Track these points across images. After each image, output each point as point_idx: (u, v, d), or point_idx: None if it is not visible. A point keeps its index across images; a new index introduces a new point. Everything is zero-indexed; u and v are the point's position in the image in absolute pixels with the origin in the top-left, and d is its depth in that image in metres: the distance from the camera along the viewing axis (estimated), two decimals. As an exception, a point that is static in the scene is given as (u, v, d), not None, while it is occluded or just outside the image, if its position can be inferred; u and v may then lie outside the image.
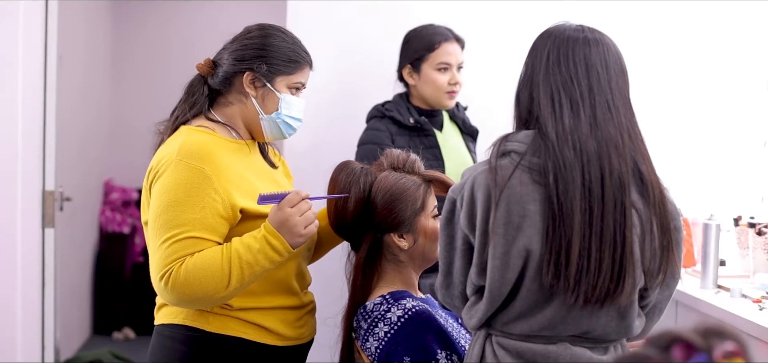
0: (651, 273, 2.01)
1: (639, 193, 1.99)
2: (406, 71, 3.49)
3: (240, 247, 2.22)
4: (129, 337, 6.65)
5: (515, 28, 4.00)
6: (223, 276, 2.20)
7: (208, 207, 2.23)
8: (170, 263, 2.20)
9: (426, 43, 3.44)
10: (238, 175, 2.32)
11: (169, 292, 2.21)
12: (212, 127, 2.40)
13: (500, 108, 3.93)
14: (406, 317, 2.24)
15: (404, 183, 2.37)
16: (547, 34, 2.09)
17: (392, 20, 3.87)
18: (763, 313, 2.97)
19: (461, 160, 3.51)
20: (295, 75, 2.43)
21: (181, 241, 2.21)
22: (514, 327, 2.03)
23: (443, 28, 3.48)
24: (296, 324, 2.47)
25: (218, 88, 2.44)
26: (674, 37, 4.03)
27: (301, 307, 2.49)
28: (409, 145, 3.30)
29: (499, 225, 1.96)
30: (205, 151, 2.28)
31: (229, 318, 2.36)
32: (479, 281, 2.03)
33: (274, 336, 2.41)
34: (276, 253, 2.24)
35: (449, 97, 3.46)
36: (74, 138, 5.79)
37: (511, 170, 1.98)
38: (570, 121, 1.98)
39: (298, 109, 2.46)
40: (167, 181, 2.26)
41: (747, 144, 4.07)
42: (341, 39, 3.88)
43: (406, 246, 2.36)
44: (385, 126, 3.42)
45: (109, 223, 6.77)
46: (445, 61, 3.43)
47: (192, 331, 2.35)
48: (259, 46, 2.40)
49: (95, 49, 6.65)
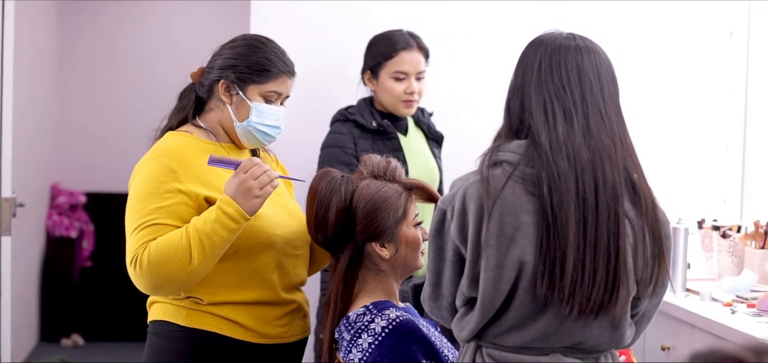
0: (643, 282, 2.01)
1: (631, 202, 1.98)
2: (367, 76, 3.48)
3: (197, 222, 2.30)
4: (78, 343, 6.52)
5: (480, 32, 3.99)
6: (185, 253, 2.27)
7: (173, 198, 2.33)
8: (136, 249, 2.29)
9: (384, 51, 3.41)
10: (208, 170, 2.39)
11: (139, 277, 2.30)
12: (191, 131, 2.50)
13: (466, 113, 3.97)
14: (390, 328, 2.21)
15: (386, 191, 2.34)
16: (537, 42, 2.07)
17: (357, 22, 3.84)
18: (735, 317, 2.99)
19: (425, 165, 3.49)
20: (268, 84, 2.46)
21: (147, 228, 2.30)
22: (507, 339, 2.00)
23: (406, 36, 3.44)
24: (276, 322, 2.46)
25: (203, 96, 2.53)
26: (636, 41, 4.05)
27: (282, 303, 2.48)
28: (372, 149, 3.29)
29: (492, 236, 1.93)
30: (175, 149, 2.40)
31: (199, 312, 2.40)
32: (470, 293, 2.00)
33: (249, 332, 2.42)
34: (231, 220, 2.28)
35: (405, 105, 3.43)
36: (20, 141, 5.65)
37: (503, 181, 1.96)
38: (563, 130, 1.96)
39: (274, 118, 2.49)
40: (137, 178, 2.39)
41: (709, 147, 4.11)
42: (306, 41, 3.83)
43: (388, 255, 2.34)
44: (348, 129, 3.40)
45: (56, 228, 6.65)
46: (402, 70, 3.39)
47: (166, 325, 2.43)
48: (234, 55, 2.47)
49: (40, 49, 6.50)
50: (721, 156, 4.10)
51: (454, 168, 3.64)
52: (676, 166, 4.07)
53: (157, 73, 7.14)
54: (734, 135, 4.08)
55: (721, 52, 4.06)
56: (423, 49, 3.44)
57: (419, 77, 3.43)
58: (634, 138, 2.05)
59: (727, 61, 4.06)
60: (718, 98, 4.08)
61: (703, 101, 4.09)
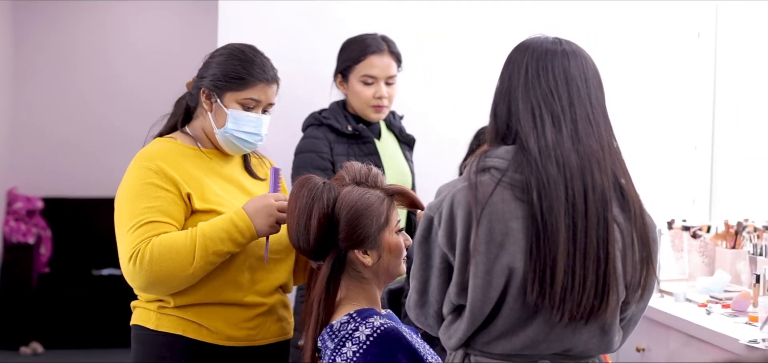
0: (632, 287, 2.02)
1: (620, 207, 1.99)
2: (338, 80, 3.45)
3: (205, 227, 2.37)
4: (37, 351, 6.44)
5: (450, 35, 3.98)
6: (189, 254, 2.34)
7: (162, 197, 2.40)
8: (137, 244, 2.34)
9: (354, 54, 3.38)
10: (188, 173, 2.46)
11: (138, 272, 2.34)
12: (177, 137, 2.56)
13: (435, 115, 3.95)
14: (375, 336, 2.20)
15: (368, 198, 2.32)
16: (523, 47, 2.06)
17: (327, 24, 3.82)
18: (711, 317, 3.01)
19: (399, 169, 3.47)
20: (244, 91, 2.50)
21: (145, 226, 2.36)
22: (495, 346, 1.99)
23: (377, 39, 3.40)
24: (244, 324, 2.47)
25: (191, 104, 2.59)
26: (604, 42, 4.05)
27: (250, 306, 2.48)
28: (347, 153, 3.27)
29: (480, 243, 1.92)
30: (158, 153, 2.47)
31: (167, 315, 2.45)
32: (458, 300, 1.99)
33: (214, 334, 2.44)
34: (238, 232, 2.37)
35: (375, 110, 3.40)
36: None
37: (492, 187, 1.94)
38: (552, 135, 1.95)
39: (253, 125, 2.52)
40: (124, 182, 2.47)
41: (677, 147, 4.13)
42: (275, 43, 3.74)
43: (371, 262, 2.32)
44: (323, 134, 3.36)
45: (14, 234, 6.58)
46: (370, 74, 3.36)
47: (138, 329, 2.49)
48: (215, 63, 2.53)
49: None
50: (689, 156, 4.13)
51: (423, 172, 3.63)
52: (644, 167, 4.07)
53: (117, 76, 7.06)
54: (702, 135, 4.11)
55: (688, 52, 4.09)
56: (394, 53, 3.41)
57: (389, 82, 3.39)
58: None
59: (694, 62, 4.09)
60: (686, 99, 4.11)
61: (671, 102, 4.11)
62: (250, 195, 2.55)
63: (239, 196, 2.54)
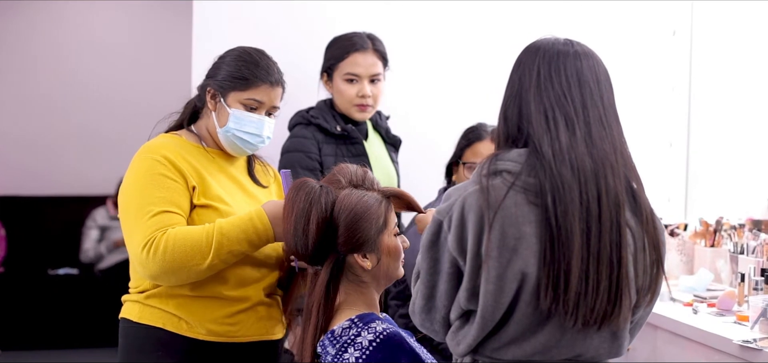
0: (642, 290, 2.00)
1: (632, 211, 1.97)
2: (324, 79, 3.41)
3: (223, 224, 2.38)
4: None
5: (435, 35, 3.95)
6: (206, 247, 2.34)
7: (171, 187, 2.41)
8: (153, 233, 2.35)
9: (337, 52, 3.35)
10: (192, 166, 2.47)
11: (152, 260, 2.34)
12: (181, 134, 2.58)
13: (418, 115, 3.91)
14: (378, 341, 2.16)
15: (367, 201, 2.28)
16: (534, 49, 2.03)
17: (308, 22, 3.78)
18: (697, 316, 3.02)
19: (385, 170, 3.44)
20: (247, 92, 2.51)
21: (159, 216, 2.37)
22: (506, 352, 1.96)
23: (362, 37, 3.36)
24: (224, 320, 2.47)
25: (198, 104, 2.62)
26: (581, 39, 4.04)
27: (229, 300, 2.47)
28: (336, 154, 3.23)
29: (493, 248, 1.89)
30: (163, 145, 2.49)
31: (150, 307, 2.46)
32: (468, 306, 1.96)
33: (193, 328, 2.45)
34: (256, 235, 2.38)
35: (359, 110, 3.35)
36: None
37: (504, 191, 1.91)
38: (566, 138, 1.93)
39: (255, 126, 2.52)
40: (130, 174, 2.46)
41: (653, 145, 4.15)
42: (252, 42, 3.70)
43: (370, 266, 2.28)
44: (312, 133, 3.32)
45: (-33, 233, 6.42)
46: (353, 72, 3.32)
47: (125, 322, 2.50)
48: (219, 64, 2.57)
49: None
50: (665, 154, 4.15)
51: (408, 173, 3.60)
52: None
53: (77, 73, 6.95)
54: (678, 133, 4.14)
55: (664, 50, 4.11)
56: (379, 51, 3.37)
57: (374, 80, 3.35)
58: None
59: (670, 60, 4.12)
60: (661, 96, 4.13)
61: (646, 100, 4.14)
62: (251, 198, 2.56)
63: (241, 196, 2.54)
